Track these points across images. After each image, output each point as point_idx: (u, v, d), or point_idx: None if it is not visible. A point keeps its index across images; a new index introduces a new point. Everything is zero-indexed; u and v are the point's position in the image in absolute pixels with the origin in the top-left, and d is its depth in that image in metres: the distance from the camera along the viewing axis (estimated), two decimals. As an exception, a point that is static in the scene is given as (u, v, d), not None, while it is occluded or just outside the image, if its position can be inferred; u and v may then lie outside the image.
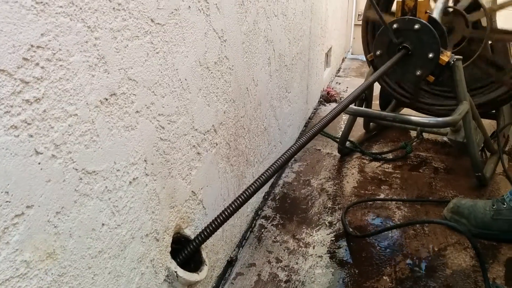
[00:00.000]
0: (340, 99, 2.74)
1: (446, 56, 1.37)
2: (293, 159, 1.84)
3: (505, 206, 1.27)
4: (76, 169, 0.51)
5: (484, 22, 1.63)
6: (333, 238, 1.31)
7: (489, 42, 1.73)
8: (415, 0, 1.34)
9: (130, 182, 0.62)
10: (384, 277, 1.14)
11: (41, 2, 0.43)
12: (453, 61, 1.41)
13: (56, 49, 0.45)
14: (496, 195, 1.54)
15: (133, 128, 0.62)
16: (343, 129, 1.85)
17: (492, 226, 1.28)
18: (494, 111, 1.90)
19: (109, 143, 0.56)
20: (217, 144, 0.98)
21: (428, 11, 1.37)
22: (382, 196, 1.56)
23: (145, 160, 0.66)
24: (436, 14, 1.43)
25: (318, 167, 1.80)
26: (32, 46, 0.42)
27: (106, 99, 0.55)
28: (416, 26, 1.32)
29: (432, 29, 1.31)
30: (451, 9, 1.66)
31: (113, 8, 0.54)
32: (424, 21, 1.32)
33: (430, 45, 1.33)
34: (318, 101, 2.66)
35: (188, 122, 0.81)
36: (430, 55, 1.34)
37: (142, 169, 0.65)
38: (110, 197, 0.58)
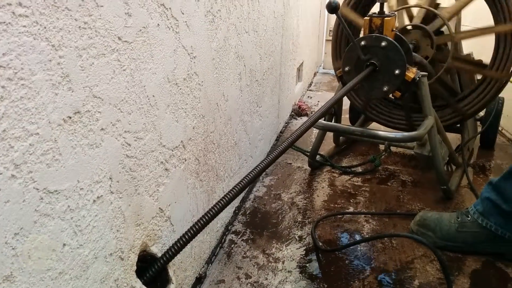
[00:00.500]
0: (311, 112, 2.78)
1: (412, 73, 1.42)
2: (264, 173, 1.85)
3: (469, 219, 1.30)
4: (37, 189, 0.50)
5: (449, 46, 1.70)
6: (303, 253, 1.31)
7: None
8: (382, 18, 1.38)
9: (94, 201, 0.61)
10: (353, 291, 1.15)
11: (4, 22, 0.42)
12: (418, 77, 1.46)
13: (18, 68, 0.45)
14: (461, 207, 1.59)
15: (97, 146, 0.61)
16: (313, 143, 1.87)
17: (457, 239, 1.31)
18: (458, 125, 1.97)
19: (72, 161, 0.56)
20: (186, 160, 0.97)
21: (394, 29, 1.42)
22: (351, 209, 1.58)
23: (110, 178, 0.65)
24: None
25: (289, 181, 1.81)
26: (-8, 65, 0.42)
27: (70, 117, 0.54)
28: (383, 44, 1.36)
29: (398, 47, 1.36)
30: (410, 27, 1.73)
31: (79, 27, 0.54)
32: (390, 39, 1.36)
33: (397, 62, 1.37)
34: (290, 115, 2.69)
35: (156, 138, 0.81)
36: (397, 72, 1.38)
37: (107, 187, 0.65)
38: (73, 217, 0.57)
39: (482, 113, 2.13)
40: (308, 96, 3.30)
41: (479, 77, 1.81)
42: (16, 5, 0.44)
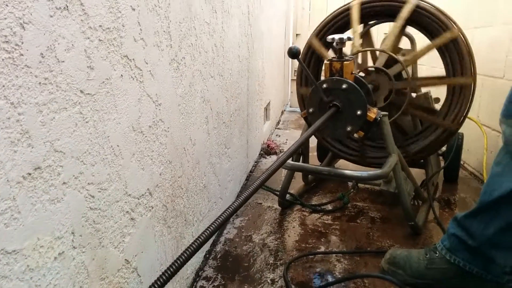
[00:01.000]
0: (280, 151, 2.81)
1: (373, 113, 1.47)
2: (234, 214, 1.84)
3: (437, 255, 1.32)
4: (-6, 250, 0.48)
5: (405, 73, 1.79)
6: (275, 296, 1.30)
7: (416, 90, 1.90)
8: (341, 62, 1.44)
9: (55, 258, 0.60)
10: (326, 334, 1.14)
11: (-41, 82, 0.42)
12: (379, 117, 1.51)
13: (-26, 129, 0.44)
14: (430, 242, 1.61)
15: (59, 201, 0.60)
16: (282, 182, 1.89)
17: (426, 276, 1.32)
18: (422, 160, 2.03)
19: (32, 219, 0.54)
20: (152, 207, 0.96)
21: (353, 72, 1.48)
22: (322, 249, 1.58)
23: (73, 232, 0.64)
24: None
25: (260, 221, 1.80)
26: None
27: (30, 174, 0.53)
28: (344, 86, 1.41)
29: (358, 89, 1.41)
30: (372, 68, 1.80)
31: (39, 83, 0.54)
32: (350, 81, 1.41)
33: (358, 103, 1.42)
34: (259, 154, 2.71)
35: (121, 188, 0.80)
36: (359, 112, 1.43)
37: (69, 242, 0.63)
38: (32, 276, 0.55)
39: (444, 148, 2.21)
40: (277, 135, 3.35)
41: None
42: (-26, 65, 0.44)
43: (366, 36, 1.98)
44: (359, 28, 1.86)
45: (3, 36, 0.48)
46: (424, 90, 2.04)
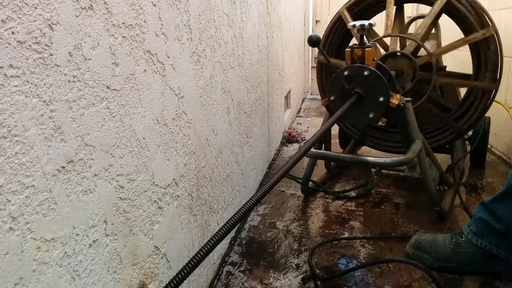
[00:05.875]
0: (302, 139, 2.82)
1: (396, 99, 1.46)
2: (258, 202, 1.87)
3: (463, 239, 1.32)
4: (35, 239, 0.52)
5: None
6: (300, 281, 1.32)
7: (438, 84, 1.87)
8: (362, 49, 1.43)
9: (90, 245, 0.63)
10: (352, 318, 1.15)
11: (-4, 84, 0.45)
12: (402, 103, 1.50)
13: (12, 126, 0.48)
14: (456, 228, 1.61)
15: (91, 192, 0.63)
16: (305, 169, 1.90)
17: (453, 259, 1.33)
18: (447, 146, 2.00)
19: (67, 209, 0.58)
20: (178, 197, 0.99)
21: (375, 58, 1.47)
22: (346, 235, 1.60)
23: (105, 221, 0.67)
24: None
25: (283, 208, 1.83)
26: (-13, 126, 0.44)
27: (63, 167, 0.57)
28: (365, 73, 1.41)
29: (380, 75, 1.40)
30: (399, 53, 1.78)
31: (68, 81, 0.57)
32: (372, 68, 1.41)
33: (380, 90, 1.41)
34: (281, 142, 2.72)
35: (148, 178, 0.83)
36: (381, 99, 1.42)
37: (102, 230, 0.67)
38: (70, 262, 0.58)
39: (470, 133, 2.18)
40: (298, 123, 3.35)
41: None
42: (8, 67, 0.47)
43: (397, 17, 1.93)
44: (393, 9, 1.83)
45: (33, 38, 0.51)
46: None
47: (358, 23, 1.43)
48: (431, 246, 1.36)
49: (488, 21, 1.65)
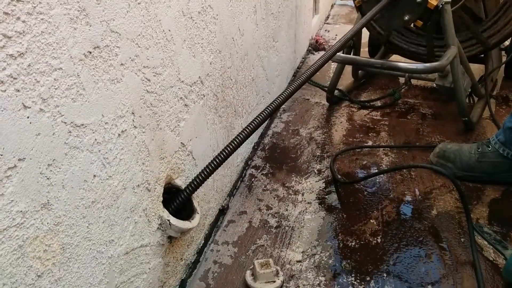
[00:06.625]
0: (329, 47, 2.71)
1: (434, 0, 1.36)
2: (281, 109, 1.85)
3: (490, 149, 1.30)
4: (65, 123, 0.51)
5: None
6: (322, 185, 1.34)
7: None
8: None
9: (119, 135, 0.63)
10: (371, 220, 1.19)
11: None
12: (441, 4, 1.40)
13: (36, 2, 0.45)
14: (482, 139, 1.58)
15: (118, 81, 0.62)
16: (331, 77, 1.85)
17: (477, 169, 1.32)
18: (482, 55, 1.90)
19: (96, 96, 0.57)
20: (204, 96, 0.98)
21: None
22: (370, 143, 1.59)
23: (133, 113, 0.67)
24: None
25: (307, 116, 1.82)
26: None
27: (90, 52, 0.55)
28: (404, -30, 1.30)
29: (420, -28, 1.29)
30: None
31: (91, -42, 0.53)
32: (412, -36, 1.29)
33: (418, -11, 1.31)
34: (307, 50, 2.63)
35: (174, 74, 0.81)
36: (418, -1, 1.33)
37: (130, 121, 0.66)
38: (100, 149, 0.59)
39: (507, 42, 2.05)
40: (326, 30, 3.21)
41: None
42: None
43: None
44: None
45: None
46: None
47: None
48: (455, 155, 1.35)
49: None
